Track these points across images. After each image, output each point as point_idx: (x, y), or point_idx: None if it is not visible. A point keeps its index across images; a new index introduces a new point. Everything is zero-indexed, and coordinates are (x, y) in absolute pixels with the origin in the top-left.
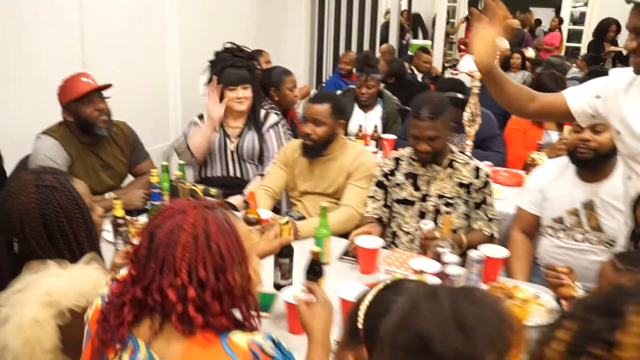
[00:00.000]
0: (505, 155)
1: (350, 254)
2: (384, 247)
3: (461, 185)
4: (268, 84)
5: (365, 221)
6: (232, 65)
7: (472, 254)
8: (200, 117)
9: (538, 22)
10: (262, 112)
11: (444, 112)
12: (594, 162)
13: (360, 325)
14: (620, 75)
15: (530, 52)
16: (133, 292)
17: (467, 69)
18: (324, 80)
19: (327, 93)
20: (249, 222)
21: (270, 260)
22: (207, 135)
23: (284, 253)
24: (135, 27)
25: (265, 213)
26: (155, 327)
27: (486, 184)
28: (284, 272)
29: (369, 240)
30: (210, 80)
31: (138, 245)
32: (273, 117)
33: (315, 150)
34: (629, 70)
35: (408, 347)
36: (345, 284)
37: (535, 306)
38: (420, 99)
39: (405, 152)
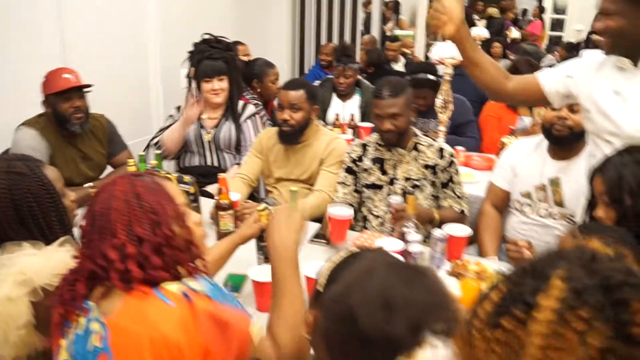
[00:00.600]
0: (480, 141)
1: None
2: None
3: (426, 166)
4: (251, 75)
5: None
6: (209, 57)
7: (436, 232)
8: (178, 108)
9: (524, 12)
10: (241, 102)
11: (403, 91)
12: (567, 140)
13: (320, 288)
14: (591, 55)
15: (514, 33)
16: (83, 266)
17: (437, 56)
18: (306, 71)
19: (299, 80)
20: (222, 207)
21: (248, 247)
22: (178, 131)
23: (265, 237)
24: (116, 20)
25: (236, 197)
26: (102, 290)
27: (451, 163)
28: (266, 256)
29: (340, 210)
30: (189, 73)
31: (82, 225)
32: (251, 108)
33: (293, 136)
34: (601, 54)
35: (338, 321)
36: (311, 263)
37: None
38: (380, 82)
39: (372, 138)
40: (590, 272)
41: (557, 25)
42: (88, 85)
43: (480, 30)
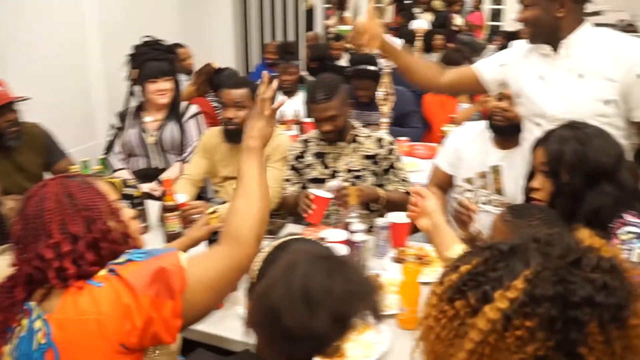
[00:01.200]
0: (423, 131)
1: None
2: (304, 225)
3: (367, 157)
4: (218, 84)
5: (288, 200)
6: (153, 58)
7: (378, 221)
8: (120, 115)
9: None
10: (184, 103)
11: (337, 91)
12: (507, 130)
13: (253, 279)
14: (520, 44)
15: (458, 20)
16: (20, 271)
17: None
18: (252, 70)
19: (242, 78)
20: (168, 209)
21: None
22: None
23: (214, 240)
24: (53, 26)
25: (182, 198)
26: (43, 291)
27: (391, 150)
28: None
29: (322, 192)
30: (129, 75)
31: (14, 230)
32: (193, 108)
33: (238, 134)
34: (527, 44)
35: (265, 318)
36: None
37: (440, 265)
38: (312, 83)
39: (313, 133)
40: (560, 279)
41: (496, 15)
42: (20, 99)
43: (420, 23)
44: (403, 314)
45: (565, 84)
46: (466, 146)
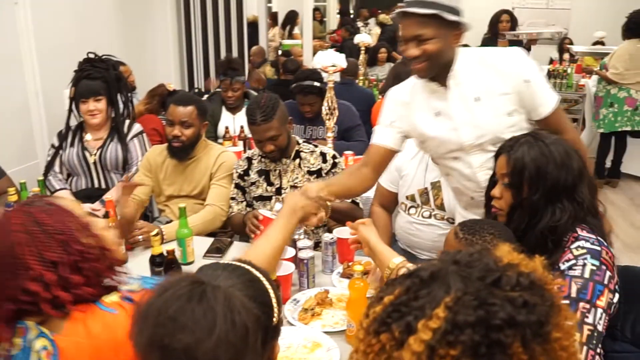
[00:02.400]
0: (368, 144)
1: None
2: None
3: (310, 172)
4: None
5: (235, 220)
6: (87, 77)
7: (325, 237)
8: (59, 134)
9: None
10: (127, 122)
11: (275, 111)
12: None
13: None
14: (399, 90)
15: None
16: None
17: (320, 64)
18: (196, 86)
19: (188, 95)
20: None
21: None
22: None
23: (158, 262)
24: None
25: None
26: (37, 319)
27: (334, 164)
28: None
29: (270, 213)
30: (70, 93)
31: None
32: (137, 127)
33: (184, 151)
34: (404, 85)
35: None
36: None
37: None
38: (250, 105)
39: (257, 150)
40: (480, 303)
41: None
42: None
43: (363, 37)
44: (351, 330)
45: (466, 112)
46: (406, 164)
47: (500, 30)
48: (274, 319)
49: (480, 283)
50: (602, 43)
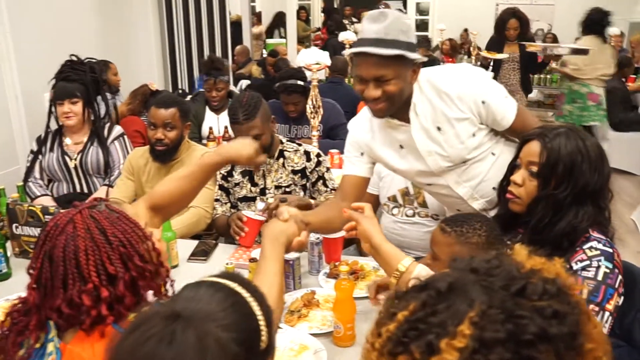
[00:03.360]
0: None
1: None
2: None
3: (295, 171)
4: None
5: (219, 221)
6: (65, 79)
7: (311, 237)
8: (38, 139)
9: None
10: (107, 124)
11: (257, 109)
12: None
13: None
14: (358, 127)
15: None
16: (38, 317)
17: (303, 62)
18: (179, 86)
19: (170, 97)
20: None
21: None
22: None
23: None
24: None
25: None
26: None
27: (318, 162)
28: None
29: (254, 214)
30: (50, 96)
31: (37, 272)
32: (118, 129)
33: (167, 154)
34: (361, 119)
35: None
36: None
37: (375, 278)
38: (232, 104)
39: None
40: (508, 315)
41: (422, 26)
42: None
43: (348, 35)
44: (339, 332)
45: (430, 142)
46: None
47: (509, 37)
48: (262, 344)
49: (505, 293)
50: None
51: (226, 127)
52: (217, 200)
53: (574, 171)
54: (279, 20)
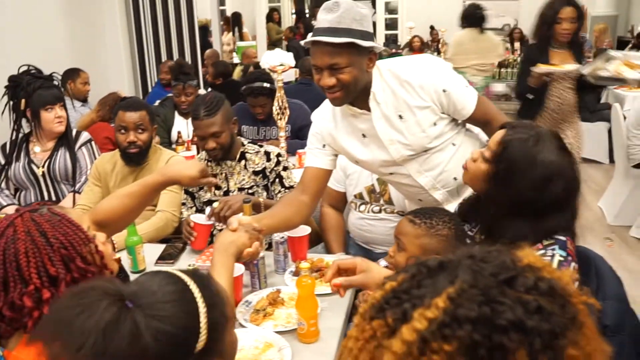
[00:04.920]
0: None
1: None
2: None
3: (256, 172)
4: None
5: (185, 224)
6: (42, 86)
7: (275, 236)
8: (3, 149)
9: None
10: (74, 130)
11: (219, 107)
12: None
13: None
14: (321, 117)
15: None
16: None
17: (268, 64)
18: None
19: (138, 100)
20: None
21: None
22: None
23: None
24: None
25: None
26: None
27: (278, 162)
28: None
29: (202, 218)
30: (14, 105)
31: None
32: (85, 135)
33: (141, 156)
34: (325, 110)
35: None
36: None
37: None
38: (196, 101)
39: (203, 155)
40: (488, 299)
41: (392, 24)
42: None
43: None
44: (302, 328)
45: (392, 130)
46: (351, 163)
47: (561, 38)
48: (198, 345)
49: (493, 279)
50: None
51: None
52: (183, 204)
53: (512, 178)
54: (236, 20)
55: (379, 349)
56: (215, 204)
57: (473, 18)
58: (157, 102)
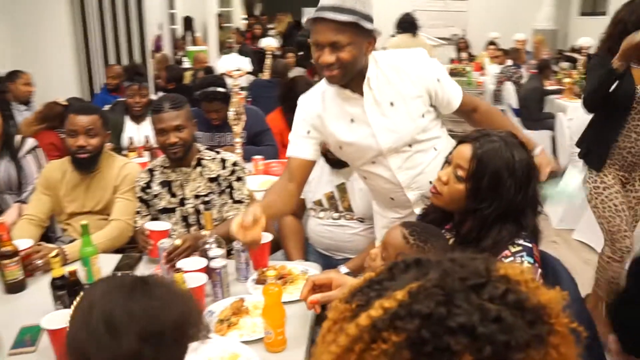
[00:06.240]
0: (278, 148)
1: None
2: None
3: (212, 180)
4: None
5: (139, 233)
6: None
7: (236, 244)
8: None
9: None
10: (18, 136)
11: (184, 104)
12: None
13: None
14: (309, 100)
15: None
16: None
17: (224, 69)
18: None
19: (87, 104)
20: (5, 256)
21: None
22: None
23: (59, 285)
24: None
25: (25, 243)
26: None
27: (233, 171)
28: (66, 305)
29: (159, 225)
30: None
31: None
32: (30, 142)
33: (91, 162)
34: (313, 93)
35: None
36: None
37: (303, 281)
38: (158, 99)
39: (158, 161)
40: (447, 300)
41: None
42: None
43: (269, 41)
44: (269, 337)
45: (382, 117)
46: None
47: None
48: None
49: (460, 283)
50: (494, 43)
51: (147, 137)
52: (138, 212)
53: (499, 187)
54: (187, 24)
55: (340, 331)
56: (177, 241)
57: (406, 24)
58: (106, 107)
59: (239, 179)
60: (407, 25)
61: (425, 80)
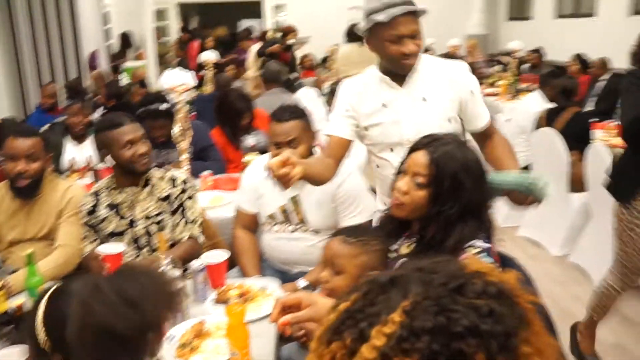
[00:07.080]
0: (225, 162)
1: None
2: None
3: (163, 199)
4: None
5: (91, 259)
6: None
7: (194, 264)
8: None
9: (247, 30)
10: None
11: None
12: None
13: (42, 339)
14: (353, 84)
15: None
16: None
17: (168, 84)
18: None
19: (27, 126)
20: None
21: None
22: None
23: (5, 321)
24: None
25: None
26: None
27: (183, 190)
28: (14, 342)
29: (112, 247)
30: None
31: None
32: None
33: (33, 188)
34: (359, 77)
35: (97, 342)
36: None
37: (263, 298)
38: (109, 116)
39: (102, 183)
40: (441, 309)
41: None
42: None
43: (209, 55)
44: (235, 358)
45: (412, 109)
46: (262, 183)
47: None
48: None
49: (443, 289)
50: (429, 49)
51: (90, 157)
52: (85, 238)
53: (459, 188)
54: (126, 41)
55: None
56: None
57: (354, 34)
58: (43, 128)
59: (189, 197)
60: (355, 34)
61: (460, 87)
